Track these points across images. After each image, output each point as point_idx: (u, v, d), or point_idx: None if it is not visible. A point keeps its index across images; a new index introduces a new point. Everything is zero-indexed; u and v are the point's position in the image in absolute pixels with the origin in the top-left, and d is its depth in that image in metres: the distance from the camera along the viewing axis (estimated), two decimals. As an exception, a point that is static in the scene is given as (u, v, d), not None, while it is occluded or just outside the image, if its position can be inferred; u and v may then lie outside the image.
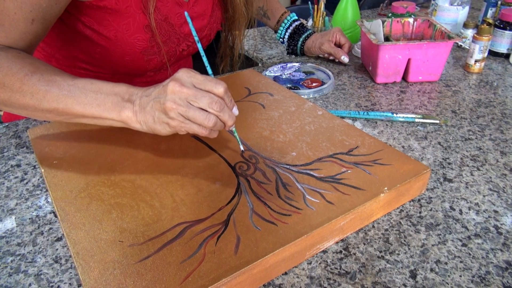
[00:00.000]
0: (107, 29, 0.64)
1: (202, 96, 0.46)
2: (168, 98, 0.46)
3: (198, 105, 0.47)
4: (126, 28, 0.64)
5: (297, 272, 0.44)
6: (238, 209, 0.47)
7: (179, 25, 0.71)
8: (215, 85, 0.47)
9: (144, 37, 0.66)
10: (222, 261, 0.41)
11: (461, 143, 0.67)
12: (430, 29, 0.93)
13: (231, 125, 0.50)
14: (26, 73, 0.50)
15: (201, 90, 0.47)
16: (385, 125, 0.72)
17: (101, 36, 0.64)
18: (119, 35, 0.64)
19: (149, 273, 0.40)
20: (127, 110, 0.50)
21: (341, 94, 0.83)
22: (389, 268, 0.45)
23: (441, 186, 0.57)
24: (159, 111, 0.48)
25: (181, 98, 0.46)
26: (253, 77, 0.82)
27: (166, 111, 0.47)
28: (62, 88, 0.50)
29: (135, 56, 0.68)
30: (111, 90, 0.50)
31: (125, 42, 0.65)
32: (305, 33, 0.99)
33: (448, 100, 0.80)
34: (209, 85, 0.47)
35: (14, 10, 0.51)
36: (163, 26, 0.68)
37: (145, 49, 0.67)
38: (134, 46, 0.66)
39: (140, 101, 0.49)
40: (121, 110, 0.50)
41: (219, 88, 0.47)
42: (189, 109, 0.46)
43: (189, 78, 0.47)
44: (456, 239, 0.48)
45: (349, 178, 0.52)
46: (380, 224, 0.50)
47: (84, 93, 0.50)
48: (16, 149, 0.66)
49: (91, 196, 0.50)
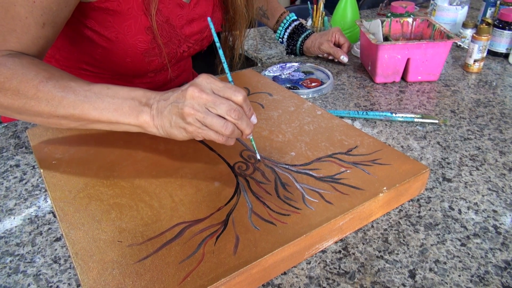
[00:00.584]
0: (108, 30, 0.63)
1: (221, 103, 0.45)
2: (186, 103, 0.46)
3: (217, 112, 0.46)
4: (128, 30, 0.64)
5: (296, 272, 0.44)
6: (237, 209, 0.47)
7: (180, 27, 0.71)
8: (234, 92, 0.46)
9: (145, 38, 0.66)
10: (221, 261, 0.41)
11: (460, 142, 0.67)
12: (429, 29, 0.93)
13: (249, 134, 0.48)
14: (41, 80, 0.49)
15: (220, 97, 0.46)
16: (384, 125, 0.72)
17: (102, 37, 0.64)
18: (120, 37, 0.64)
19: (148, 273, 0.40)
20: (145, 114, 0.49)
21: (340, 94, 0.83)
22: (388, 268, 0.45)
23: (440, 186, 0.57)
24: (177, 116, 0.47)
25: (199, 104, 0.46)
26: (252, 77, 0.82)
27: (184, 116, 0.46)
28: (78, 94, 0.49)
29: (136, 57, 0.68)
30: (128, 95, 0.50)
31: (126, 43, 0.65)
32: (304, 33, 0.99)
33: (447, 100, 0.80)
34: (228, 92, 0.46)
35: (25, 15, 0.51)
36: (165, 28, 0.68)
37: (146, 50, 0.67)
38: (135, 48, 0.66)
39: (158, 105, 0.49)
40: (139, 115, 0.49)
41: (238, 96, 0.46)
42: (207, 116, 0.46)
43: (209, 84, 0.46)
44: (455, 239, 0.48)
45: (348, 178, 0.52)
46: (379, 224, 0.50)
47: (101, 98, 0.49)
48: (15, 149, 0.66)
49: (90, 196, 0.50)
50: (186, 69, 0.89)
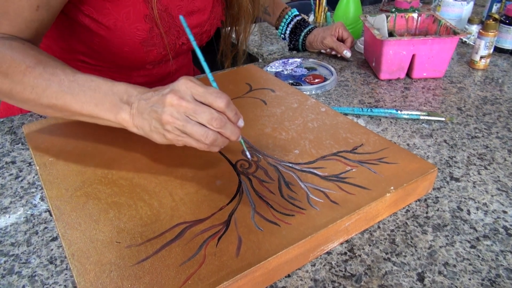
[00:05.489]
0: (106, 17, 0.62)
1: (201, 111, 0.43)
2: (165, 110, 0.43)
3: (197, 120, 0.43)
4: (126, 17, 0.62)
5: (300, 275, 0.43)
6: (240, 208, 0.46)
7: (179, 18, 0.69)
8: (215, 98, 0.43)
9: (144, 27, 0.64)
10: (223, 263, 0.39)
11: (467, 141, 0.65)
12: (434, 25, 0.91)
13: (235, 140, 0.46)
14: (28, 65, 0.48)
15: (201, 104, 0.43)
16: (389, 122, 0.70)
17: (100, 25, 0.63)
18: (118, 24, 0.62)
19: (147, 276, 0.38)
20: (124, 113, 0.47)
21: (344, 90, 0.81)
22: (396, 270, 0.43)
23: (447, 186, 0.55)
24: (156, 121, 0.45)
25: (179, 112, 0.43)
26: (254, 73, 0.80)
27: (162, 123, 0.44)
28: (62, 84, 0.48)
29: (134, 47, 0.66)
30: (109, 89, 0.48)
31: (124, 31, 0.63)
32: (306, 28, 0.97)
33: (453, 97, 0.79)
34: (210, 98, 0.43)
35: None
36: (164, 17, 0.66)
37: (145, 39, 0.66)
38: (134, 36, 0.64)
39: (138, 105, 0.46)
40: (118, 112, 0.47)
41: (220, 103, 0.43)
42: (187, 124, 0.43)
43: (189, 90, 0.44)
44: (465, 241, 0.47)
45: (353, 177, 0.50)
46: (386, 225, 0.49)
47: (83, 91, 0.48)
48: (11, 145, 0.64)
49: (88, 195, 0.48)
50: (186, 64, 0.87)
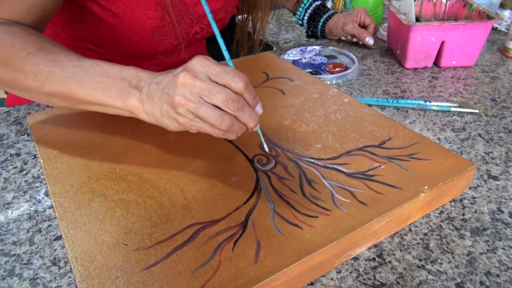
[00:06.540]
0: (115, 5, 0.58)
1: (217, 91, 0.38)
2: (177, 91, 0.39)
3: (212, 102, 0.39)
4: (137, 4, 0.58)
5: (325, 283, 0.39)
6: (258, 208, 0.42)
7: (193, 5, 0.65)
8: (233, 77, 0.39)
9: (155, 15, 0.60)
10: (240, 270, 0.35)
11: (504, 135, 0.59)
12: (465, 9, 0.84)
13: (253, 127, 0.42)
14: (29, 51, 0.44)
15: (217, 84, 0.39)
16: (417, 115, 0.65)
17: (109, 12, 0.59)
18: (128, 12, 0.58)
19: (156, 283, 0.35)
20: (133, 98, 0.43)
21: (366, 80, 0.76)
22: (432, 280, 0.39)
23: (485, 184, 0.50)
24: (167, 104, 0.40)
25: (192, 93, 0.39)
26: (271, 61, 0.76)
27: (174, 105, 0.39)
28: (66, 70, 0.44)
29: (145, 35, 0.62)
30: (118, 74, 0.44)
31: (134, 19, 0.59)
32: (326, 13, 0.91)
33: (486, 87, 0.73)
34: (226, 78, 0.39)
35: None
36: (176, 4, 0.62)
37: (156, 28, 0.62)
38: (144, 25, 0.60)
39: (149, 89, 0.42)
40: (127, 98, 0.43)
41: (238, 82, 0.39)
42: (200, 106, 0.39)
43: (204, 68, 0.39)
44: (508, 247, 0.42)
45: (382, 175, 0.46)
46: (418, 228, 0.44)
47: (89, 76, 0.44)
48: (16, 137, 0.61)
49: (93, 191, 0.45)
50: (199, 52, 0.83)
